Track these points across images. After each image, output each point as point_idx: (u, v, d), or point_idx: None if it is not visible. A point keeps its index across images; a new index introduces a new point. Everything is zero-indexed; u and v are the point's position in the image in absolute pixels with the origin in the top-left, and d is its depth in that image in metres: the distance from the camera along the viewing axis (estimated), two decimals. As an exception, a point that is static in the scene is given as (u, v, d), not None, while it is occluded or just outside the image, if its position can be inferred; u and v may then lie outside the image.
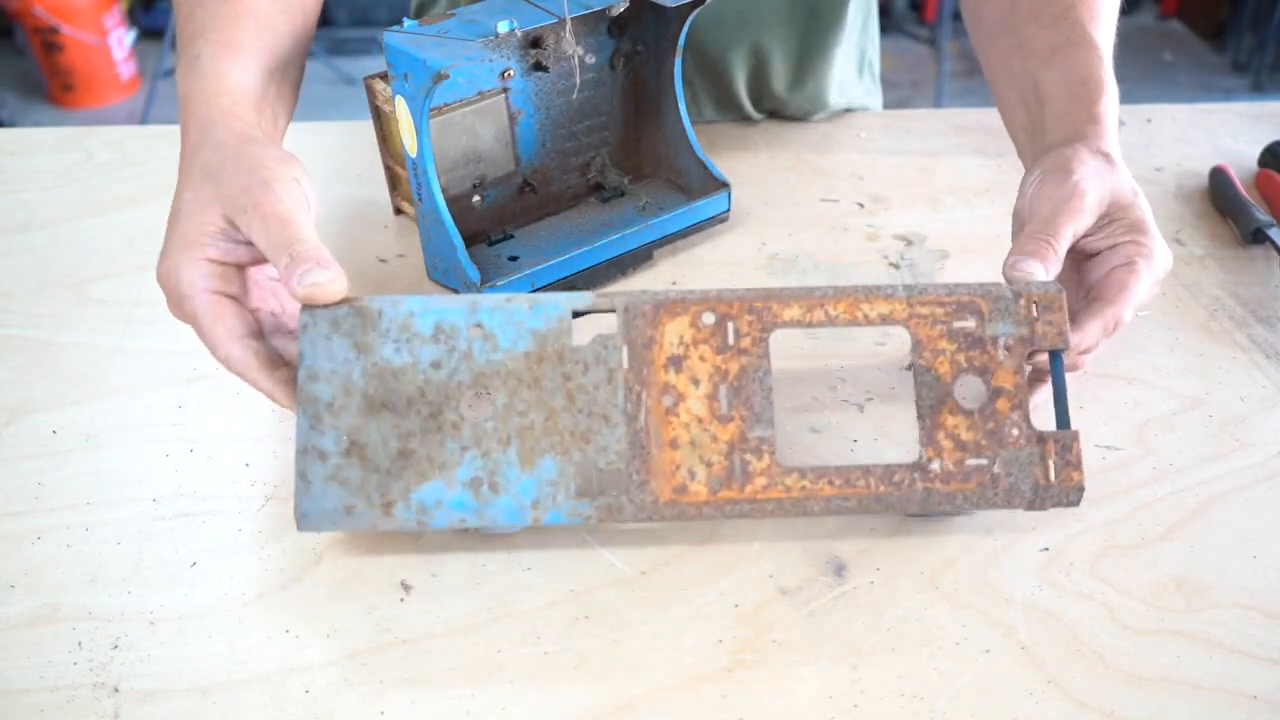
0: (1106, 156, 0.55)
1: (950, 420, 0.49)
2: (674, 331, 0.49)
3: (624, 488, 0.48)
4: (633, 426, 0.48)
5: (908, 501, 0.49)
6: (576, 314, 0.49)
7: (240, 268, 0.51)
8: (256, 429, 0.58)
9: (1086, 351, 0.53)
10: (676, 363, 0.49)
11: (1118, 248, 0.54)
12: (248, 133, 0.53)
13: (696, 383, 0.49)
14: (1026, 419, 0.50)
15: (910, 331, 0.50)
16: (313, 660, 0.46)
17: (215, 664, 0.46)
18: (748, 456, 0.49)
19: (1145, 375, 0.62)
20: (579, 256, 0.68)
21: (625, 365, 0.49)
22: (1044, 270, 0.51)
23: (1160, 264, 0.53)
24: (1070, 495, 0.49)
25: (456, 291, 0.67)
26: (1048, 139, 0.59)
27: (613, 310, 0.49)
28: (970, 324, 0.50)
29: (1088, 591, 0.50)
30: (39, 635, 0.47)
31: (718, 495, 0.48)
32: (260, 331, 0.51)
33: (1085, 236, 0.54)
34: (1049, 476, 0.49)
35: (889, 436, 0.58)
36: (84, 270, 0.71)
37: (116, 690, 0.45)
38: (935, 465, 0.49)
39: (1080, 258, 0.56)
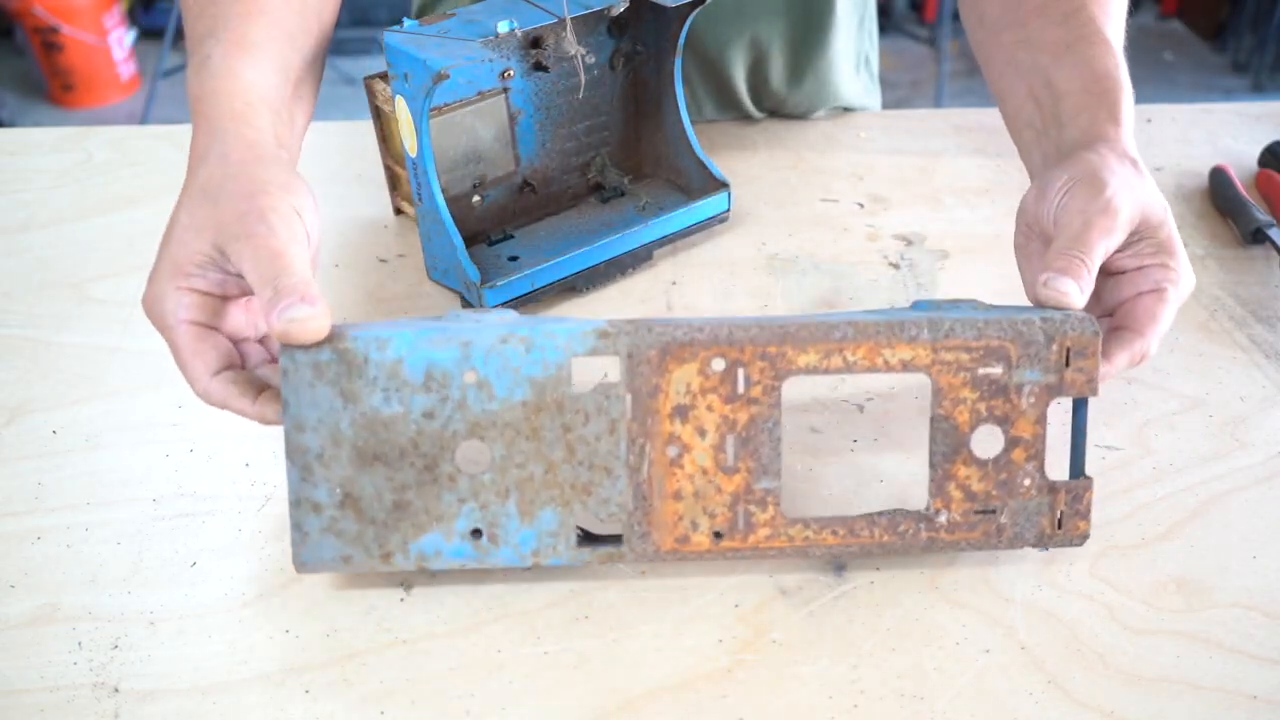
0: (1134, 163, 0.53)
1: (963, 471, 0.48)
2: (681, 379, 0.47)
3: (625, 538, 0.48)
4: (635, 479, 0.47)
5: (911, 549, 0.49)
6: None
7: (225, 299, 0.49)
8: (256, 429, 0.57)
9: (1110, 377, 0.51)
10: (682, 412, 0.47)
11: (1145, 271, 0.52)
12: (256, 144, 0.50)
13: (703, 434, 0.47)
14: (1040, 469, 0.48)
15: (932, 379, 0.48)
16: (313, 660, 0.46)
17: (215, 664, 0.46)
18: (752, 508, 0.48)
19: (1145, 375, 0.62)
20: (579, 256, 0.68)
21: (629, 415, 0.47)
22: (1078, 291, 0.49)
23: (1186, 289, 0.52)
24: (1074, 540, 0.49)
25: (457, 292, 0.67)
26: (1065, 136, 0.57)
27: (616, 355, 0.46)
28: (996, 371, 0.48)
29: (1088, 591, 0.50)
30: (39, 635, 0.47)
31: (719, 545, 0.48)
32: (240, 363, 0.50)
33: (1113, 254, 0.52)
34: (1055, 526, 0.49)
35: (889, 436, 0.58)
36: (84, 270, 0.71)
37: (116, 690, 0.45)
38: (942, 517, 0.48)
39: (1103, 274, 0.52)
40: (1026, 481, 0.48)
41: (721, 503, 0.47)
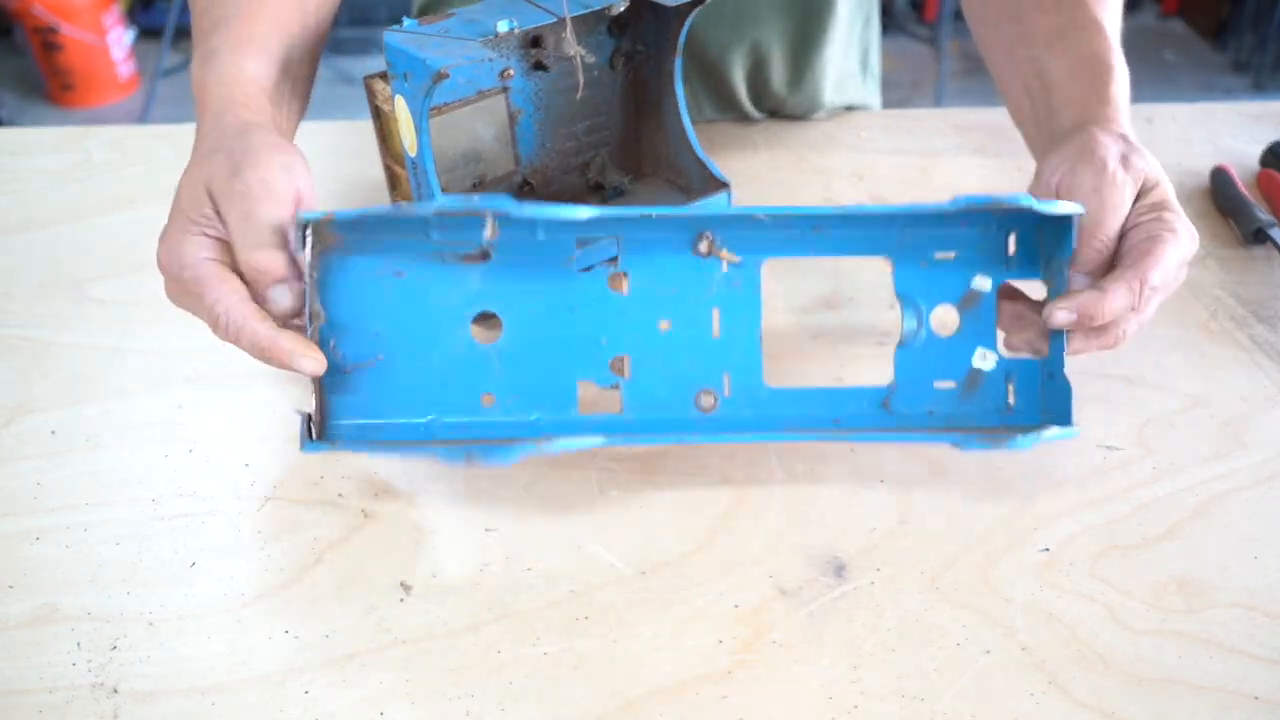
0: (1124, 138, 0.54)
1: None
2: None
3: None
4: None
5: None
6: None
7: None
8: (256, 429, 0.58)
9: (1113, 318, 0.51)
10: None
11: (1141, 225, 0.52)
12: (255, 121, 0.53)
13: None
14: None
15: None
16: (313, 660, 0.46)
17: (215, 664, 0.46)
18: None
19: (1146, 375, 0.62)
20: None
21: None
22: (1088, 283, 0.52)
23: (1187, 242, 0.52)
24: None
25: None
26: (1057, 123, 0.57)
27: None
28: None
29: (1088, 592, 0.50)
30: (38, 636, 0.47)
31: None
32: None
33: None
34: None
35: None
36: (84, 270, 0.71)
37: (116, 691, 0.45)
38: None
39: None
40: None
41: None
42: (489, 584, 0.50)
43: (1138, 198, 0.53)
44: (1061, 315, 0.51)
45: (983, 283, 0.53)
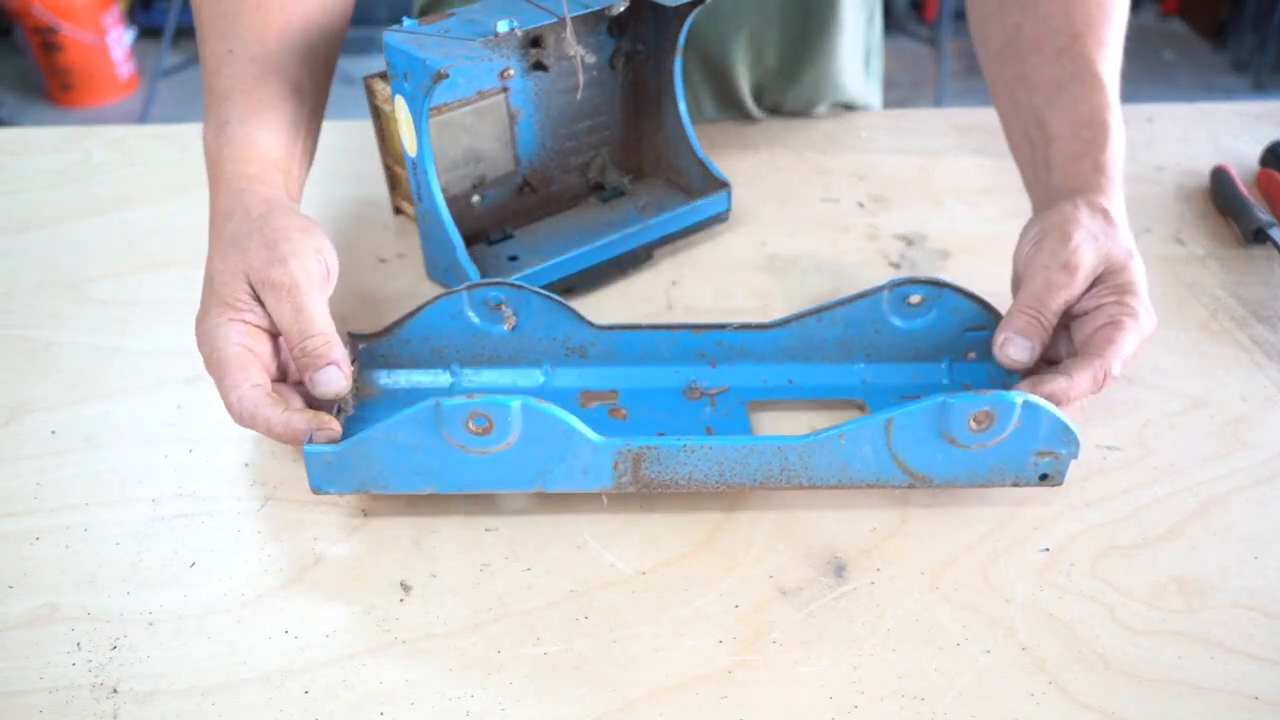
0: (1105, 214, 0.55)
1: None
2: None
3: None
4: None
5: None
6: None
7: (268, 333, 0.53)
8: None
9: (1075, 400, 0.53)
10: None
11: (1103, 308, 0.54)
12: (274, 198, 0.55)
13: None
14: None
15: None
16: (313, 660, 0.46)
17: (215, 664, 0.46)
18: None
19: (1146, 375, 0.62)
20: (579, 256, 0.68)
21: None
22: (1030, 352, 0.54)
23: (1146, 325, 0.54)
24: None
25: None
26: (1052, 183, 0.59)
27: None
28: None
29: (1088, 592, 0.50)
30: (38, 636, 0.47)
31: None
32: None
33: (1077, 300, 0.55)
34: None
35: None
36: (84, 270, 0.71)
37: (115, 691, 0.45)
38: None
39: (1068, 317, 0.56)
40: None
41: None
42: (489, 584, 0.50)
43: (1101, 278, 0.54)
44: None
45: None
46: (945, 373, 0.60)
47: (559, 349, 0.59)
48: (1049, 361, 0.57)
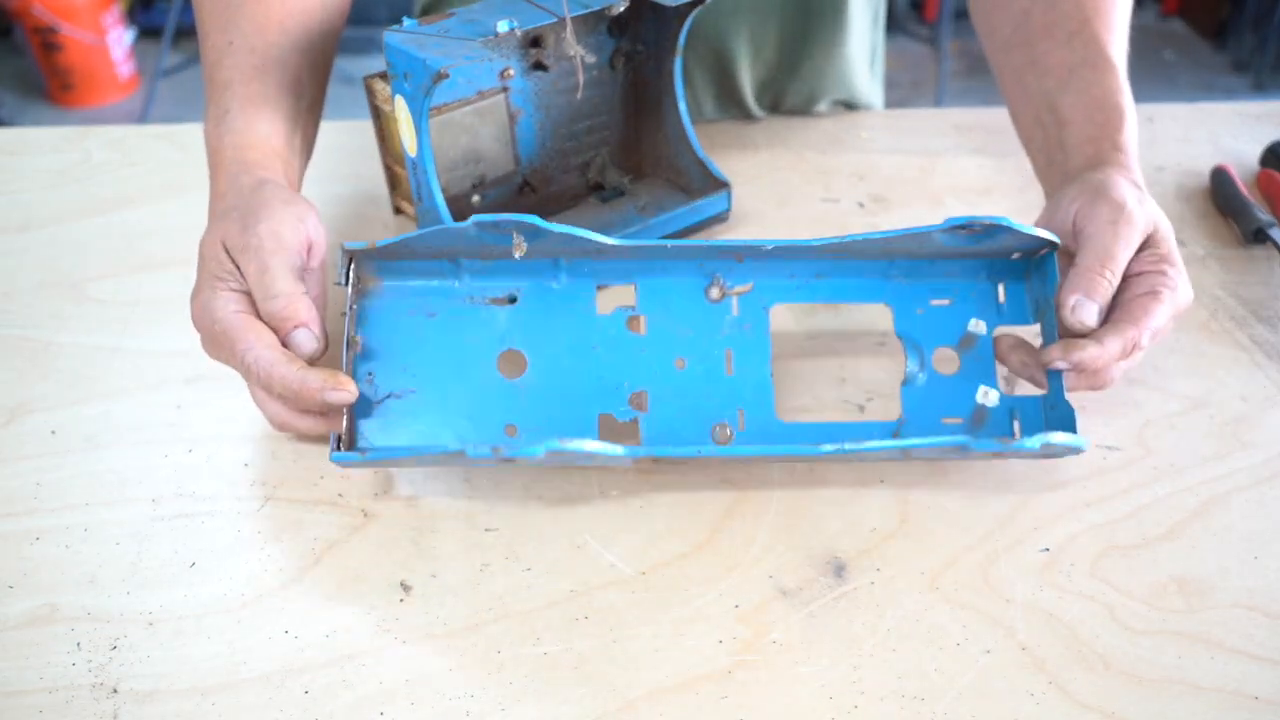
0: (1136, 185, 0.55)
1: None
2: None
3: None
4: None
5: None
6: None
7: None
8: (256, 429, 0.58)
9: (1105, 367, 0.53)
10: None
11: (1144, 275, 0.54)
12: (268, 179, 0.56)
13: None
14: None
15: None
16: (313, 660, 0.46)
17: (215, 664, 0.46)
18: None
19: (1146, 375, 0.62)
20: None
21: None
22: (1099, 315, 0.52)
23: (1183, 298, 0.53)
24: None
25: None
26: (1070, 164, 0.58)
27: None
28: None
29: (1088, 592, 0.50)
30: (38, 636, 0.47)
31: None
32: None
33: None
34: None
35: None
36: (84, 270, 0.71)
37: (115, 691, 0.45)
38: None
39: None
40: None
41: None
42: (489, 584, 0.50)
43: (1144, 245, 0.54)
44: (1059, 364, 0.53)
45: (978, 325, 0.56)
46: (983, 291, 0.57)
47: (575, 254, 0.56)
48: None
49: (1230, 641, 0.47)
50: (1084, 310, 0.52)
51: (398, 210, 0.77)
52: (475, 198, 0.70)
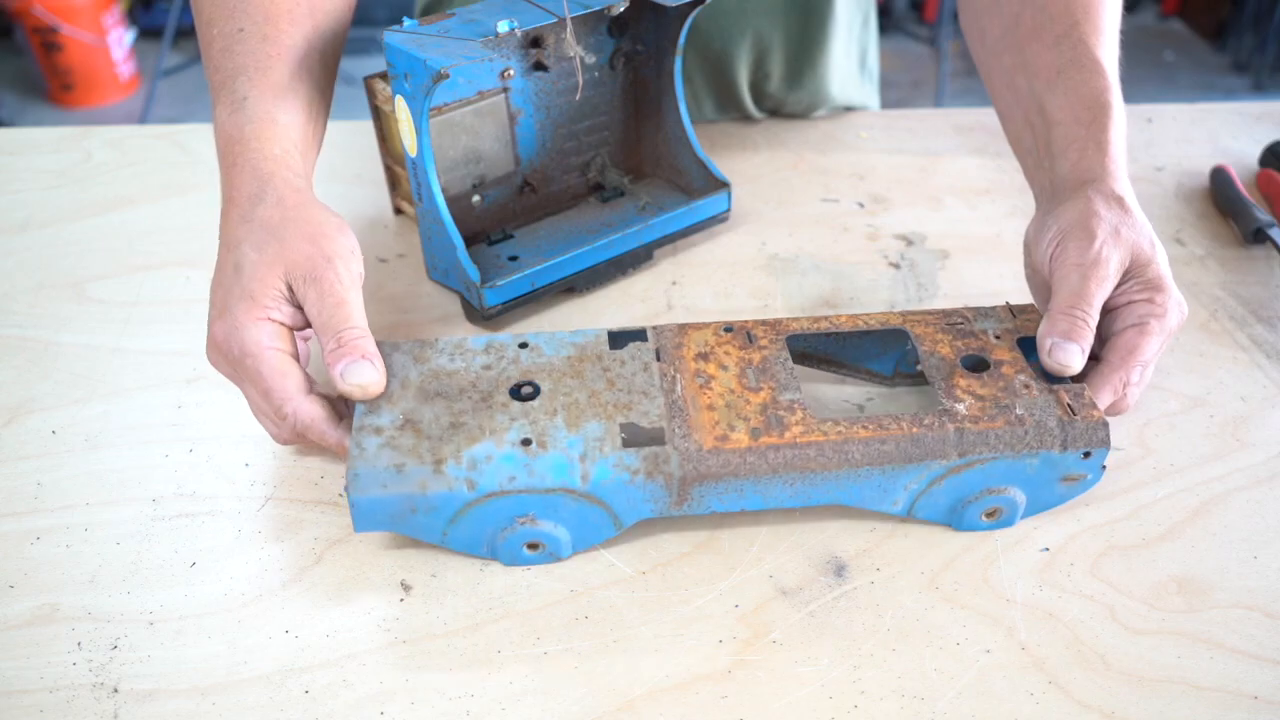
0: (1120, 202, 0.55)
1: (963, 381, 0.52)
2: (698, 338, 0.55)
3: (667, 437, 0.49)
4: (670, 397, 0.51)
5: (943, 444, 0.50)
6: (611, 335, 0.55)
7: (293, 330, 0.52)
8: (256, 429, 0.58)
9: (1110, 411, 0.54)
10: (704, 356, 0.54)
11: (1133, 306, 0.53)
12: (302, 189, 0.54)
13: (725, 368, 0.53)
14: (1033, 379, 0.52)
15: (910, 332, 0.55)
16: (313, 660, 0.46)
17: (215, 664, 0.46)
18: (781, 413, 0.51)
19: (1146, 375, 0.62)
20: (579, 256, 0.68)
21: (658, 360, 0.54)
22: (1080, 355, 0.51)
23: (1174, 320, 0.53)
24: (1097, 433, 0.50)
25: (457, 292, 0.67)
26: (1057, 170, 0.58)
27: (643, 329, 0.55)
28: (958, 321, 0.56)
29: (1088, 592, 0.50)
30: (38, 635, 0.47)
31: (759, 441, 0.49)
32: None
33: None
34: (1071, 412, 0.50)
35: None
36: (84, 270, 0.71)
37: (116, 690, 0.45)
38: (960, 407, 0.51)
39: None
40: (1024, 384, 0.52)
41: (752, 410, 0.51)
42: (489, 584, 0.50)
43: (1130, 273, 0.54)
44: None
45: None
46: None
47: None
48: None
49: (1230, 641, 0.47)
50: (1061, 352, 0.51)
51: (398, 210, 0.77)
52: (475, 198, 0.70)
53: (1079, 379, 0.53)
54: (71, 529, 0.52)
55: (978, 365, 0.54)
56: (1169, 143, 0.86)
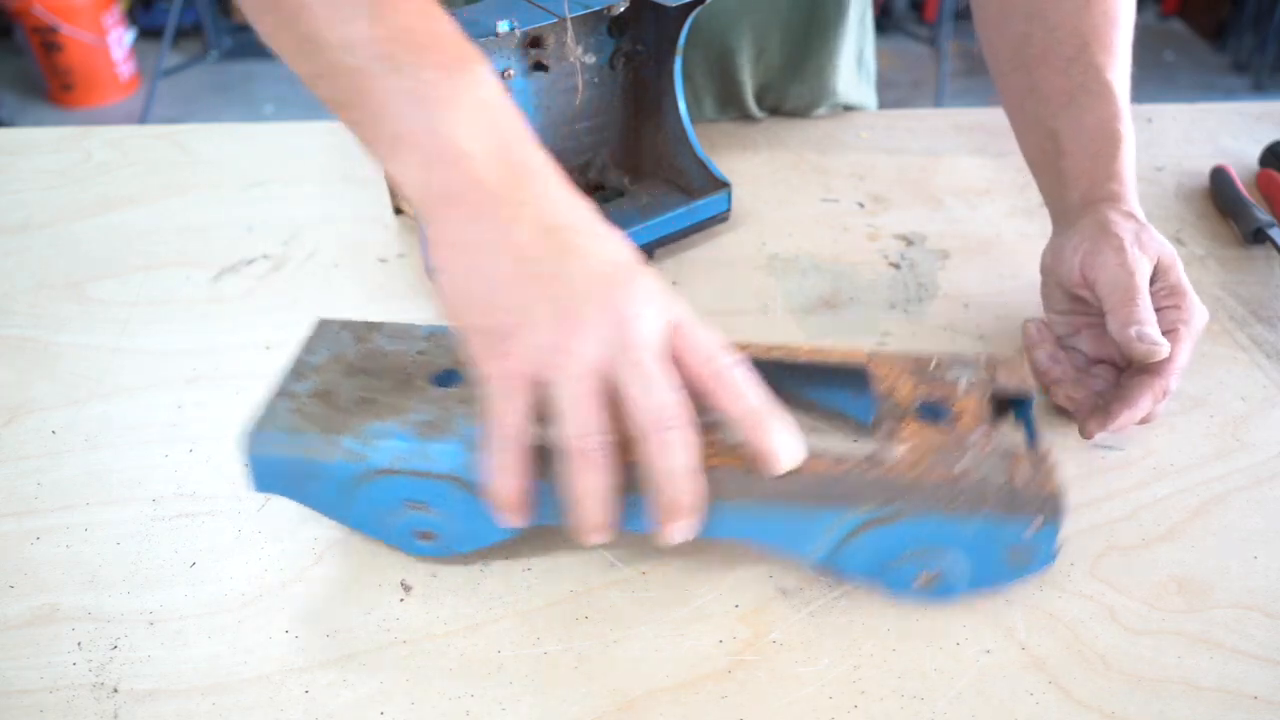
0: (1133, 217, 0.56)
1: (912, 427, 0.47)
2: None
3: None
4: None
5: (861, 488, 0.45)
6: None
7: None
8: (256, 429, 0.58)
9: (1141, 421, 0.55)
10: None
11: (1163, 313, 0.54)
12: (573, 191, 0.47)
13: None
14: (990, 436, 0.46)
15: (869, 371, 0.50)
16: (313, 660, 0.46)
17: (215, 664, 0.46)
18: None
19: (1146, 375, 0.62)
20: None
21: None
22: (1159, 333, 0.52)
23: (1198, 325, 0.54)
24: (1047, 504, 0.44)
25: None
26: (1068, 196, 0.59)
27: None
28: (928, 365, 0.51)
29: (1088, 592, 0.50)
30: (38, 635, 0.47)
31: None
32: None
33: None
34: (1021, 476, 0.45)
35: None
36: (84, 270, 0.71)
37: (116, 691, 0.45)
38: (895, 452, 0.45)
39: None
40: (979, 440, 0.46)
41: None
42: (489, 584, 0.50)
43: (1154, 277, 0.55)
44: (1100, 435, 0.56)
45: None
46: None
47: None
48: (1095, 359, 0.58)
49: (1230, 641, 0.47)
50: (1149, 336, 0.52)
51: (398, 210, 0.77)
52: (475, 198, 0.70)
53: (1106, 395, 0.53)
54: (71, 529, 0.52)
55: (934, 414, 0.48)
56: (1169, 143, 0.86)
